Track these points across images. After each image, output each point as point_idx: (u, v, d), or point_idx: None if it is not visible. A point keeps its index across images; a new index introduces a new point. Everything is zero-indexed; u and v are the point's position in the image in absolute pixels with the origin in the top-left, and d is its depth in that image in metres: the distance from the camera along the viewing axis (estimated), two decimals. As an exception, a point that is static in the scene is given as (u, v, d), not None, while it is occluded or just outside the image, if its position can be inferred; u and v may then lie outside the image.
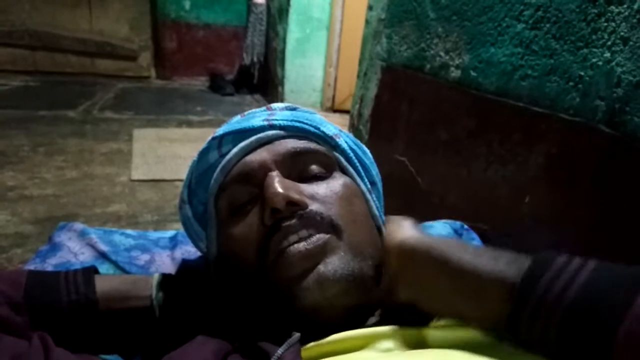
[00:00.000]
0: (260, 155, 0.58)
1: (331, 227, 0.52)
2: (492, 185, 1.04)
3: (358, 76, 1.81)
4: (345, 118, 2.36)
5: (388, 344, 0.46)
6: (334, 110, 3.34)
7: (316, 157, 0.59)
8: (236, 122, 0.65)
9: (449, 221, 1.06)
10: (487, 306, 0.41)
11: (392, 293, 0.50)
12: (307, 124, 0.62)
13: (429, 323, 0.48)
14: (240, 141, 0.60)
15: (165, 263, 0.82)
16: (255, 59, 3.76)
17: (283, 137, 0.60)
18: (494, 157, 1.03)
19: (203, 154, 0.64)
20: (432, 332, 0.47)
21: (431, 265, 0.46)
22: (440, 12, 1.25)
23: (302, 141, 0.60)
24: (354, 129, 1.81)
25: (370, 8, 1.69)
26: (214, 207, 0.61)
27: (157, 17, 4.06)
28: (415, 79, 1.38)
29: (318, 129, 0.62)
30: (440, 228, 1.02)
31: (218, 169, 0.60)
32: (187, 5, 4.02)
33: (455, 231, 1.03)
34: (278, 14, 3.35)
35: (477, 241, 1.03)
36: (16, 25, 3.74)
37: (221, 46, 4.20)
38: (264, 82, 3.78)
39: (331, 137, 0.62)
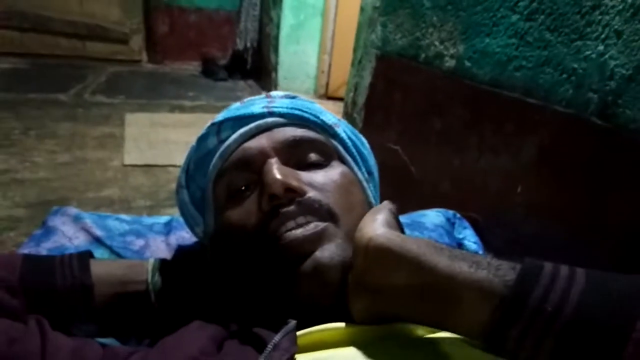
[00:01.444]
0: (260, 141, 0.58)
1: (329, 214, 0.53)
2: (485, 175, 1.05)
3: (352, 64, 1.81)
4: (339, 105, 2.35)
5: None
6: (327, 97, 3.32)
7: (315, 146, 0.60)
8: (235, 108, 0.65)
9: (442, 210, 1.07)
10: (464, 315, 0.39)
11: (354, 294, 0.47)
12: (306, 112, 0.62)
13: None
14: (239, 128, 0.60)
15: (160, 248, 0.82)
16: (248, 45, 3.73)
17: (282, 125, 0.60)
18: (486, 147, 1.04)
19: (202, 139, 0.64)
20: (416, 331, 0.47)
21: (402, 267, 0.42)
22: (435, 1, 1.25)
23: (301, 129, 0.60)
24: (348, 116, 1.82)
25: (365, -5, 1.69)
26: (212, 192, 0.62)
27: (149, 1, 4.01)
28: (409, 68, 1.38)
29: (318, 117, 0.62)
30: (433, 217, 1.03)
31: (217, 155, 0.61)
32: (180, -12, 3.98)
33: (448, 220, 1.04)
34: (272, 0, 3.32)
35: (468, 229, 1.04)
36: (4, 7, 3.67)
37: (214, 31, 4.15)
38: (257, 68, 3.76)
39: (330, 126, 0.63)
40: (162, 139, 2.19)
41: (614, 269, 0.39)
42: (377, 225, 0.47)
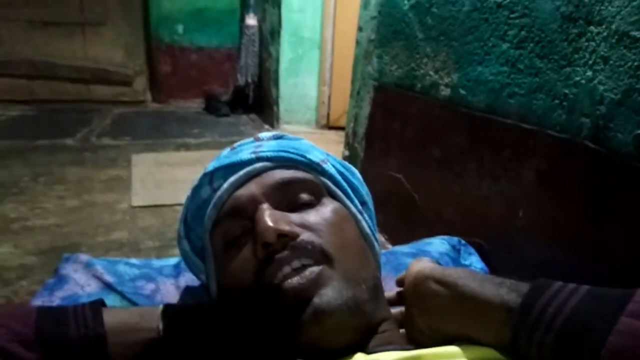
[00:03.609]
0: (250, 188, 0.60)
1: (322, 255, 0.53)
2: (486, 200, 1.06)
3: (351, 95, 1.84)
4: (341, 135, 2.38)
5: None
6: (329, 127, 3.36)
7: (304, 185, 0.61)
8: (225, 156, 0.66)
9: (447, 237, 1.08)
10: (491, 328, 0.46)
11: (413, 321, 0.55)
12: (293, 153, 0.64)
13: None
14: (230, 175, 0.62)
15: (170, 292, 0.83)
16: (249, 80, 3.79)
17: (271, 169, 0.62)
18: (486, 172, 1.06)
19: (196, 190, 0.66)
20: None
21: (444, 290, 0.51)
22: (428, 32, 1.29)
23: (289, 171, 0.62)
24: (349, 147, 1.84)
25: (360, 29, 1.73)
26: (210, 242, 0.63)
27: (151, 42, 4.10)
28: (406, 98, 1.41)
29: (304, 157, 0.64)
30: (438, 244, 1.04)
31: (211, 205, 0.62)
32: (180, 29, 4.07)
33: (453, 247, 1.05)
34: (270, 35, 3.40)
35: (474, 255, 1.05)
36: (12, 56, 3.77)
37: (215, 68, 4.23)
38: (259, 101, 3.82)
39: (318, 164, 0.64)
40: (169, 178, 2.22)
41: (619, 287, 0.42)
42: (422, 262, 0.58)
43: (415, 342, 0.55)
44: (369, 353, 0.50)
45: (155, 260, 0.96)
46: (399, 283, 0.63)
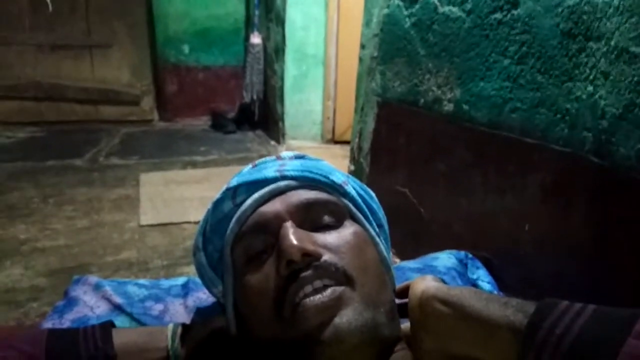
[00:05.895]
0: (275, 205, 0.61)
1: (344, 277, 0.54)
2: (492, 214, 1.06)
3: (355, 111, 1.86)
4: (346, 149, 2.40)
5: None
6: (334, 142, 3.38)
7: (327, 207, 0.62)
8: (248, 172, 0.68)
9: (454, 251, 1.08)
10: (498, 349, 0.46)
11: (418, 341, 0.54)
12: (317, 173, 0.65)
13: None
14: (254, 191, 0.63)
15: (179, 312, 0.84)
16: (255, 97, 3.83)
17: (295, 188, 0.63)
18: (491, 187, 1.06)
19: (218, 203, 0.67)
20: None
21: (449, 311, 0.50)
22: (429, 49, 1.30)
23: (313, 191, 0.63)
24: (355, 162, 1.85)
25: (362, 47, 1.75)
26: (230, 256, 0.64)
27: (158, 62, 4.15)
28: (410, 113, 1.42)
29: (328, 178, 0.65)
30: (445, 259, 1.04)
31: (234, 219, 0.63)
32: (186, 49, 4.12)
33: (460, 261, 1.05)
34: (275, 53, 3.44)
35: (482, 269, 1.05)
36: (21, 79, 3.84)
37: (221, 86, 4.28)
38: (265, 118, 3.85)
39: (340, 185, 0.65)
40: (177, 196, 2.24)
41: (628, 299, 0.42)
42: (426, 281, 0.57)
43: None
44: None
45: (163, 280, 0.97)
46: (399, 295, 0.63)
